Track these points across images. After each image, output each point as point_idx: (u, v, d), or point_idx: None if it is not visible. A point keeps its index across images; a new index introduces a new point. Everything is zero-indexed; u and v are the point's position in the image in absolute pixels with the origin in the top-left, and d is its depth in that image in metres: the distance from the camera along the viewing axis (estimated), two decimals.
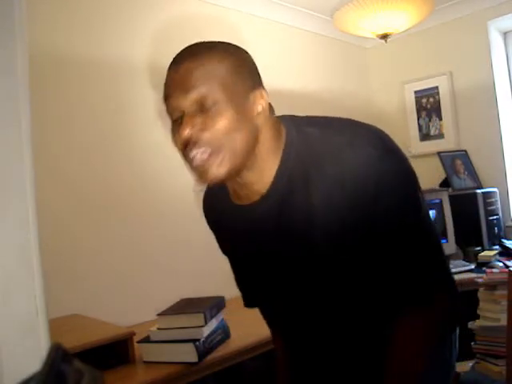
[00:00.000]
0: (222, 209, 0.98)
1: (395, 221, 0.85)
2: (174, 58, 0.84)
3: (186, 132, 0.78)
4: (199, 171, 0.82)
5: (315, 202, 0.84)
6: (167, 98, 0.83)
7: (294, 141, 0.87)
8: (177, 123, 0.82)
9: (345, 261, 0.88)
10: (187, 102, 0.79)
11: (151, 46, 2.23)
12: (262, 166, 0.86)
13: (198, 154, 0.80)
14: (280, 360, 1.16)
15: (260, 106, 0.84)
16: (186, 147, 0.81)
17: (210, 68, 0.80)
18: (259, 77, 0.88)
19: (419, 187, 0.92)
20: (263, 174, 0.86)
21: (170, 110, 0.83)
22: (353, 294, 0.92)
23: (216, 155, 0.80)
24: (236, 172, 0.83)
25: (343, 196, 0.83)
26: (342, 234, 0.85)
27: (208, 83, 0.79)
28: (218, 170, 0.81)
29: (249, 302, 1.16)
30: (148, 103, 2.15)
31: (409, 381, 0.88)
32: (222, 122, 0.79)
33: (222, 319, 1.71)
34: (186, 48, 0.85)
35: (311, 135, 0.87)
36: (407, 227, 0.86)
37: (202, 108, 0.79)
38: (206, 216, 1.08)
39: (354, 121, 0.92)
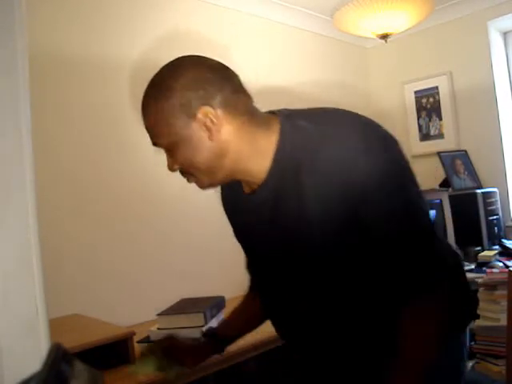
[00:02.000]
0: (235, 197, 1.04)
1: (384, 213, 0.87)
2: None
3: (168, 168, 0.96)
4: None
5: (305, 197, 0.87)
6: None
7: (288, 135, 0.90)
8: None
9: (335, 253, 0.90)
10: (157, 145, 0.95)
11: (151, 46, 2.23)
12: (247, 167, 0.92)
13: (188, 178, 0.96)
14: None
15: (209, 123, 0.88)
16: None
17: (157, 120, 0.91)
18: (211, 90, 0.88)
19: (410, 174, 0.92)
20: (254, 170, 0.92)
21: None
22: (344, 285, 0.93)
23: (194, 178, 0.94)
24: (221, 180, 0.95)
25: (332, 190, 0.85)
26: (331, 227, 0.87)
27: (159, 133, 0.92)
28: (203, 186, 0.96)
29: (252, 286, 1.22)
30: None
31: (416, 370, 0.88)
32: (182, 157, 0.91)
33: (223, 319, 1.71)
34: (143, 98, 0.94)
35: (304, 129, 0.89)
36: (397, 218, 0.88)
37: (167, 150, 0.94)
38: (223, 204, 1.14)
39: (345, 112, 0.94)
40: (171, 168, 0.95)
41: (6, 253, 0.81)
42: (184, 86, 0.88)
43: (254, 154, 0.91)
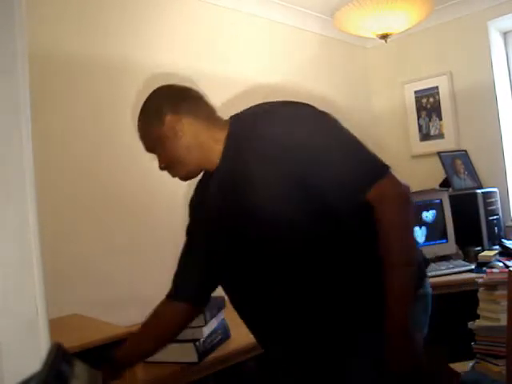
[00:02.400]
0: (203, 188, 1.26)
1: (327, 154, 1.07)
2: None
3: (159, 167, 1.22)
4: None
5: (251, 163, 1.08)
6: None
7: (234, 128, 1.16)
8: None
9: (288, 214, 1.06)
10: (147, 149, 1.23)
11: (152, 46, 2.23)
12: (208, 155, 1.17)
13: (171, 173, 1.22)
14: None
15: (174, 125, 1.15)
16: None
17: (144, 128, 1.22)
18: (173, 104, 1.18)
19: (334, 124, 1.18)
20: (213, 156, 1.16)
21: None
22: (309, 251, 1.07)
23: (175, 171, 1.21)
24: (194, 170, 1.20)
25: (275, 150, 1.05)
26: (276, 185, 1.05)
27: (145, 138, 1.22)
28: (181, 177, 1.22)
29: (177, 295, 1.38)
30: None
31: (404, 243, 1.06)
32: (163, 155, 1.19)
33: (223, 319, 1.71)
34: (138, 117, 1.25)
35: (245, 116, 1.17)
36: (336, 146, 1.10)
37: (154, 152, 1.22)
38: (192, 196, 1.34)
39: (284, 100, 1.19)
40: (160, 166, 1.21)
41: (6, 253, 0.81)
42: (158, 102, 1.20)
43: (212, 145, 1.16)
